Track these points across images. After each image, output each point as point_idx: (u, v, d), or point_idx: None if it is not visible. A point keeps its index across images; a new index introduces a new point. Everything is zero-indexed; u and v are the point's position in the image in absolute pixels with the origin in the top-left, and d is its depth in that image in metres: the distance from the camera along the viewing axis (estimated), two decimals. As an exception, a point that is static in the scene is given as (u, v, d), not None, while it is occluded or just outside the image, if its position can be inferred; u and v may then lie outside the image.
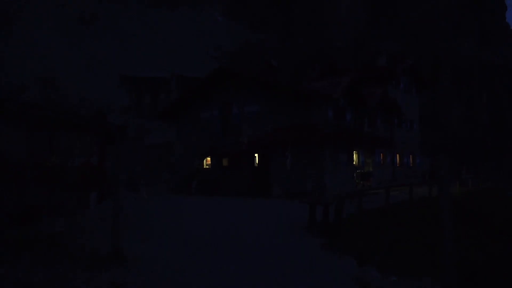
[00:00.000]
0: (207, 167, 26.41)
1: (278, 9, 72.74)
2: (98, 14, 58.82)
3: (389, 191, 16.47)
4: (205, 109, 26.52)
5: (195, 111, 27.05)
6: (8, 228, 9.62)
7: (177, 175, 27.41)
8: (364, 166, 25.73)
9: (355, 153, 24.86)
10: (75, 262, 7.14)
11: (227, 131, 25.24)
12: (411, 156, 33.90)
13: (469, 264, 8.45)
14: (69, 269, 6.76)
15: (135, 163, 31.34)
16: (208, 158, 26.32)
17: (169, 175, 29.28)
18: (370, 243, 9.58)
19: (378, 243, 9.65)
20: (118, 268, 6.96)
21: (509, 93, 71.77)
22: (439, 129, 55.47)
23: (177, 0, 68.34)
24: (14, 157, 12.06)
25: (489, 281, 8.26)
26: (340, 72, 29.01)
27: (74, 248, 8.09)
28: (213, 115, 26.11)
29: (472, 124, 64.45)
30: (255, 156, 23.88)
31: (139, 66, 50.42)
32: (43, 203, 11.93)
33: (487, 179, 36.67)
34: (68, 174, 13.11)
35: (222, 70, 25.83)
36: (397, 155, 31.18)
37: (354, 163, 24.54)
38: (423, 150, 38.06)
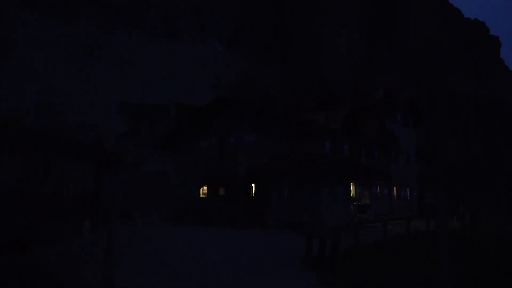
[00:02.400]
0: (204, 196, 26.22)
1: (277, 41, 74.00)
2: (100, 43, 59.66)
3: (386, 224, 16.34)
4: (203, 138, 26.54)
5: (193, 140, 27.07)
6: (-2, 256, 9.43)
7: (173, 204, 27.16)
8: (361, 198, 25.60)
9: (352, 185, 24.78)
10: (66, 293, 6.97)
11: (225, 160, 25.19)
12: (408, 189, 33.80)
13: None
14: (59, 300, 6.59)
15: (130, 190, 31.11)
16: (205, 187, 26.17)
17: (165, 204, 29.00)
18: (367, 278, 9.41)
19: (375, 278, 9.49)
20: (110, 300, 6.79)
21: (503, 127, 72.42)
22: (436, 162, 55.59)
23: (179, 30, 69.56)
24: (9, 182, 11.95)
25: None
26: (337, 103, 29.26)
27: (65, 278, 7.92)
28: (211, 144, 26.11)
29: (468, 158, 64.66)
30: (252, 186, 23.76)
31: (139, 94, 50.83)
32: (36, 231, 11.76)
33: (484, 213, 36.48)
34: (62, 202, 12.97)
35: (220, 100, 26.01)
36: (394, 188, 31.10)
37: (351, 195, 24.42)
38: (420, 183, 38.00)
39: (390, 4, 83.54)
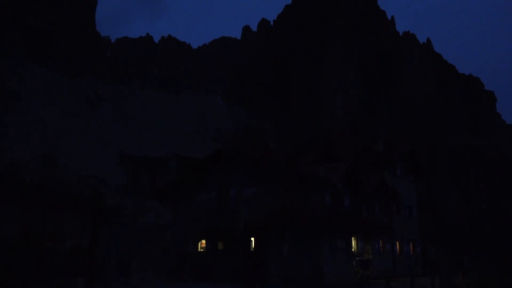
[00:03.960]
0: (202, 250, 25.63)
1: (276, 94, 75.52)
2: (103, 96, 60.85)
3: (390, 281, 15.85)
4: (202, 191, 26.32)
5: (192, 193, 26.83)
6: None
7: (171, 258, 26.49)
8: (363, 253, 25.00)
9: (354, 239, 24.28)
10: None
11: (224, 214, 24.84)
12: (411, 244, 33.08)
13: None
14: None
15: (127, 244, 30.49)
16: (203, 241, 25.63)
17: (162, 258, 28.31)
18: None
19: None
20: None
21: (504, 180, 72.24)
22: (438, 216, 54.96)
23: (181, 84, 71.21)
24: (6, 236, 11.73)
25: None
26: (337, 156, 29.30)
27: None
28: (210, 197, 25.84)
29: (470, 212, 63.98)
30: (252, 240, 23.28)
31: (140, 146, 51.13)
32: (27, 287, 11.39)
33: (490, 269, 35.52)
34: (57, 257, 12.66)
35: (220, 153, 26.08)
36: (397, 243, 30.43)
37: (353, 250, 23.88)
38: (423, 237, 37.29)
39: (387, 60, 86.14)
